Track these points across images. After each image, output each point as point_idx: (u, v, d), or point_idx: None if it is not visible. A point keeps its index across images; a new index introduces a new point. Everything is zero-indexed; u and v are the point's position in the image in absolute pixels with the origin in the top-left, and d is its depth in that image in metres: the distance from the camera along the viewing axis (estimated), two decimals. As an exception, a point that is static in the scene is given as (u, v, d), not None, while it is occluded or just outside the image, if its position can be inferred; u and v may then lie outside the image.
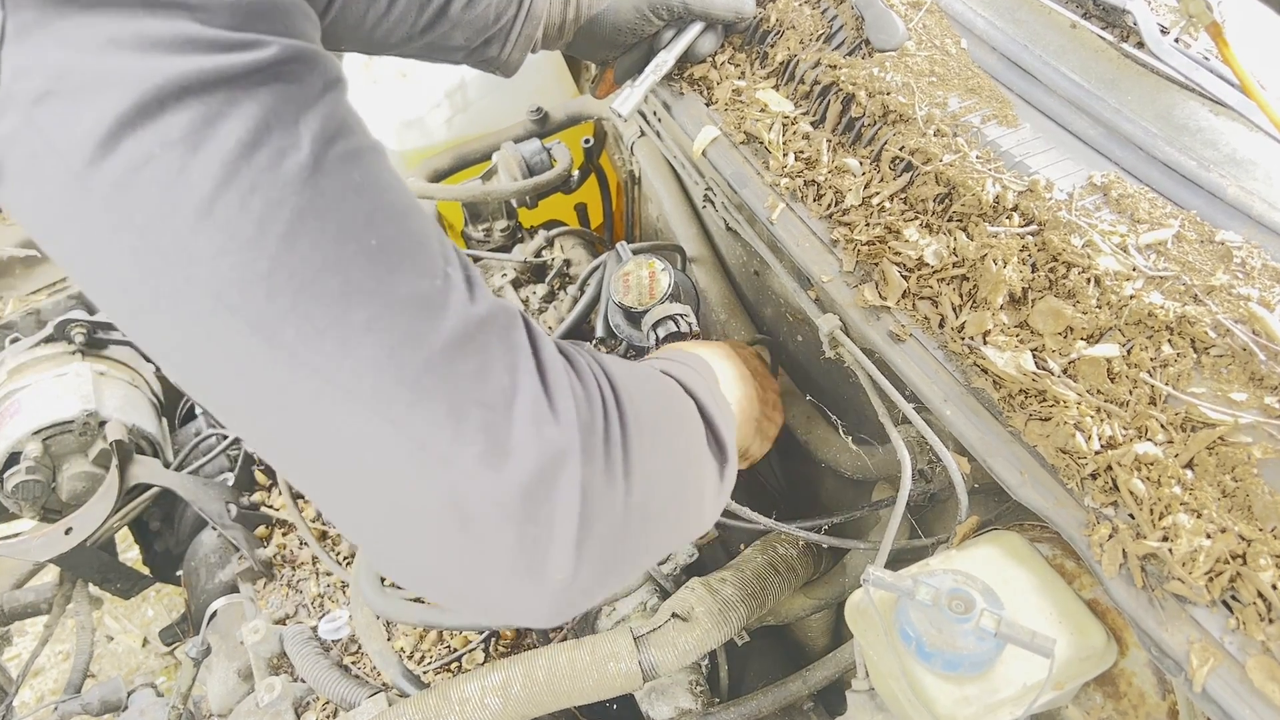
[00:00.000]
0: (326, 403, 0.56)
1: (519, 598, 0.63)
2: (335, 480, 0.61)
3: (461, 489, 0.58)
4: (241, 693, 1.38)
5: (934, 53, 1.14)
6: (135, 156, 0.50)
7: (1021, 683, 0.79)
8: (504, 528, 0.59)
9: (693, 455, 0.83)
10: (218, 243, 0.51)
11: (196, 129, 0.50)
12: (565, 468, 0.61)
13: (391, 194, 0.59)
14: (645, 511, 0.70)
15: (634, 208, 1.94)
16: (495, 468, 0.58)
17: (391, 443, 0.57)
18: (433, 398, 0.57)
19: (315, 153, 0.54)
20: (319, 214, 0.54)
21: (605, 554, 0.66)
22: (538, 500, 0.60)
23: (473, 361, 0.59)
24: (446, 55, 1.17)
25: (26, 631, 2.59)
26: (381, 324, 0.56)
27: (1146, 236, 0.92)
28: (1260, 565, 0.72)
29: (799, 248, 1.08)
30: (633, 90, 1.22)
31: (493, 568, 0.61)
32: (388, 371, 0.56)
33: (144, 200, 0.51)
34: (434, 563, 0.63)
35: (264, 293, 0.52)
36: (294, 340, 0.54)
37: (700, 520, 0.85)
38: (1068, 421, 0.84)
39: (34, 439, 1.55)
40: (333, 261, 0.54)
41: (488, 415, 0.59)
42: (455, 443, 0.57)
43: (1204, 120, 1.01)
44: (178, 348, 0.58)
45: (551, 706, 1.11)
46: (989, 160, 1.01)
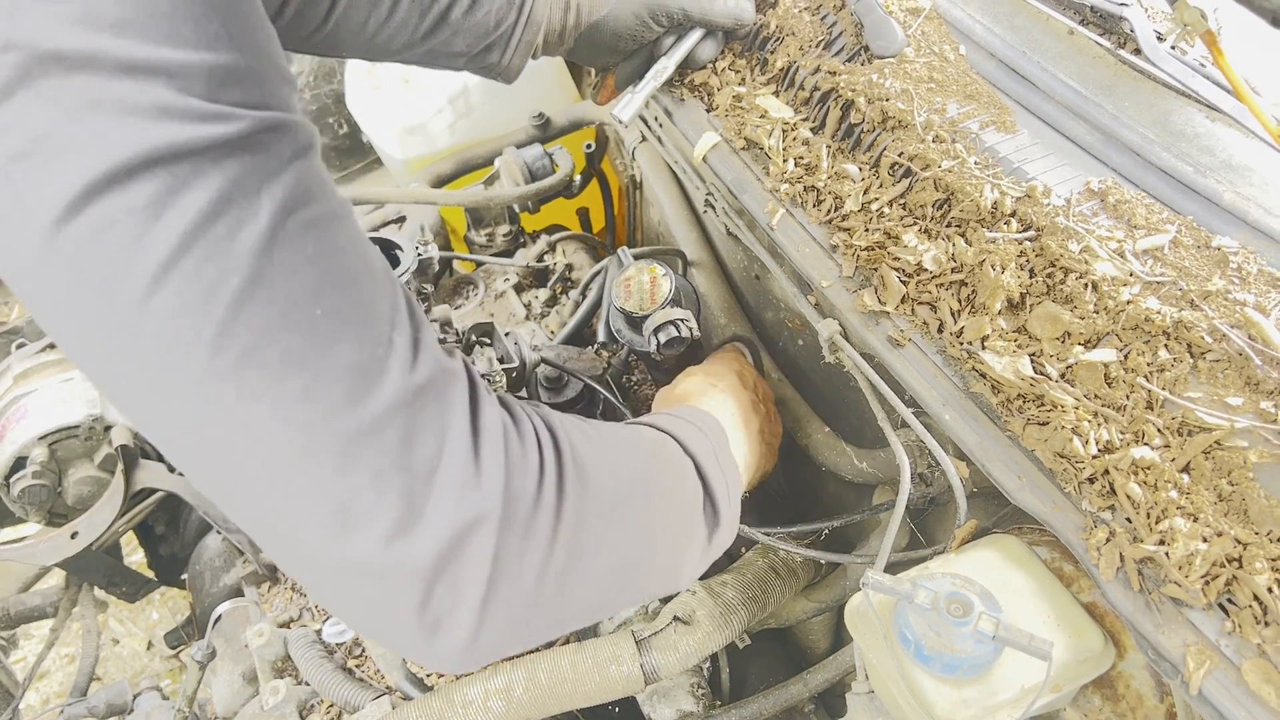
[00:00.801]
0: (259, 460, 0.60)
1: (420, 649, 0.67)
2: (267, 529, 0.65)
3: (372, 552, 0.61)
4: (246, 696, 1.39)
5: (933, 59, 1.15)
6: (99, 221, 0.52)
7: (1020, 685, 0.80)
8: (410, 589, 0.63)
9: (672, 520, 0.84)
10: (168, 306, 0.54)
11: (161, 198, 0.52)
12: (479, 534, 0.64)
13: (346, 260, 0.62)
14: (576, 578, 0.72)
15: (635, 212, 1.95)
16: (406, 533, 0.62)
17: (314, 503, 0.61)
18: (357, 464, 0.60)
19: (273, 224, 0.56)
20: (268, 284, 0.56)
21: (514, 618, 0.68)
22: (447, 565, 0.63)
23: (402, 429, 0.62)
24: (448, 61, 1.18)
25: (33, 635, 2.60)
26: (316, 391, 0.59)
27: (1143, 242, 0.93)
28: (1256, 569, 0.73)
29: (799, 253, 1.09)
30: (634, 96, 1.23)
31: (398, 622, 0.65)
32: (317, 436, 0.59)
33: (103, 262, 0.53)
34: (350, 609, 0.68)
35: (207, 355, 0.56)
36: (232, 401, 0.57)
37: (673, 582, 0.87)
38: (1065, 426, 0.84)
39: (40, 444, 1.56)
40: (275, 330, 0.57)
41: (409, 481, 0.62)
42: (373, 509, 0.61)
43: (1200, 126, 1.02)
44: (126, 396, 0.61)
45: (554, 709, 1.11)
46: (987, 166, 1.02)
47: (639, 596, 0.85)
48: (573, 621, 0.76)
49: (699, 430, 0.94)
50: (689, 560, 0.87)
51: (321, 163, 0.63)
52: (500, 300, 1.79)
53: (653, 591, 0.86)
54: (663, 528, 0.82)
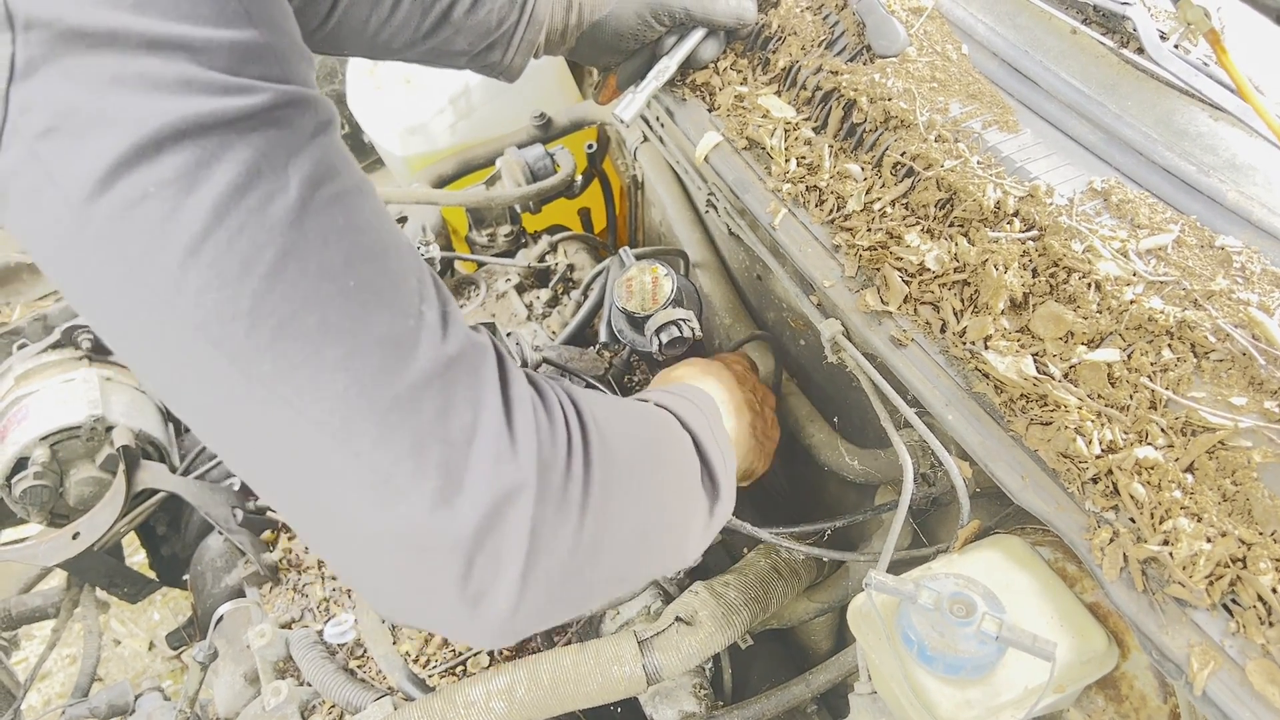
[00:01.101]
0: (297, 434, 0.59)
1: (463, 624, 0.67)
2: (303, 505, 0.65)
3: (416, 521, 0.61)
4: (248, 696, 1.39)
5: (935, 58, 1.15)
6: (131, 194, 0.52)
7: (1023, 686, 0.79)
8: (452, 560, 0.63)
9: (678, 492, 0.85)
10: (203, 279, 0.54)
11: (191, 171, 0.53)
12: (517, 505, 0.64)
13: (373, 235, 0.62)
14: (603, 548, 0.72)
15: (637, 213, 1.95)
16: (449, 503, 0.61)
17: (355, 474, 0.60)
18: (396, 434, 0.60)
19: (302, 196, 0.57)
20: (301, 256, 0.56)
21: (551, 589, 0.68)
22: (487, 536, 0.63)
23: (438, 399, 0.62)
24: (449, 60, 1.18)
25: (34, 636, 2.60)
26: (353, 362, 0.59)
27: (1147, 242, 0.92)
28: (1260, 569, 0.73)
29: (801, 253, 1.09)
30: (635, 96, 1.23)
31: (440, 595, 0.64)
32: (356, 407, 0.59)
33: (137, 236, 0.53)
34: (389, 585, 0.67)
35: (244, 328, 0.55)
36: (270, 374, 0.57)
37: (681, 555, 0.87)
38: (1069, 426, 0.84)
39: (41, 444, 1.56)
40: (311, 301, 0.57)
41: (447, 452, 0.62)
42: (414, 478, 0.61)
43: (1203, 125, 1.02)
44: (162, 373, 0.61)
45: (556, 710, 1.11)
46: (990, 166, 1.02)
47: (653, 569, 0.86)
48: (599, 594, 0.77)
49: (695, 406, 0.95)
50: (694, 532, 0.87)
51: (341, 140, 0.63)
52: (502, 300, 1.79)
53: (665, 563, 0.86)
54: (672, 497, 0.83)
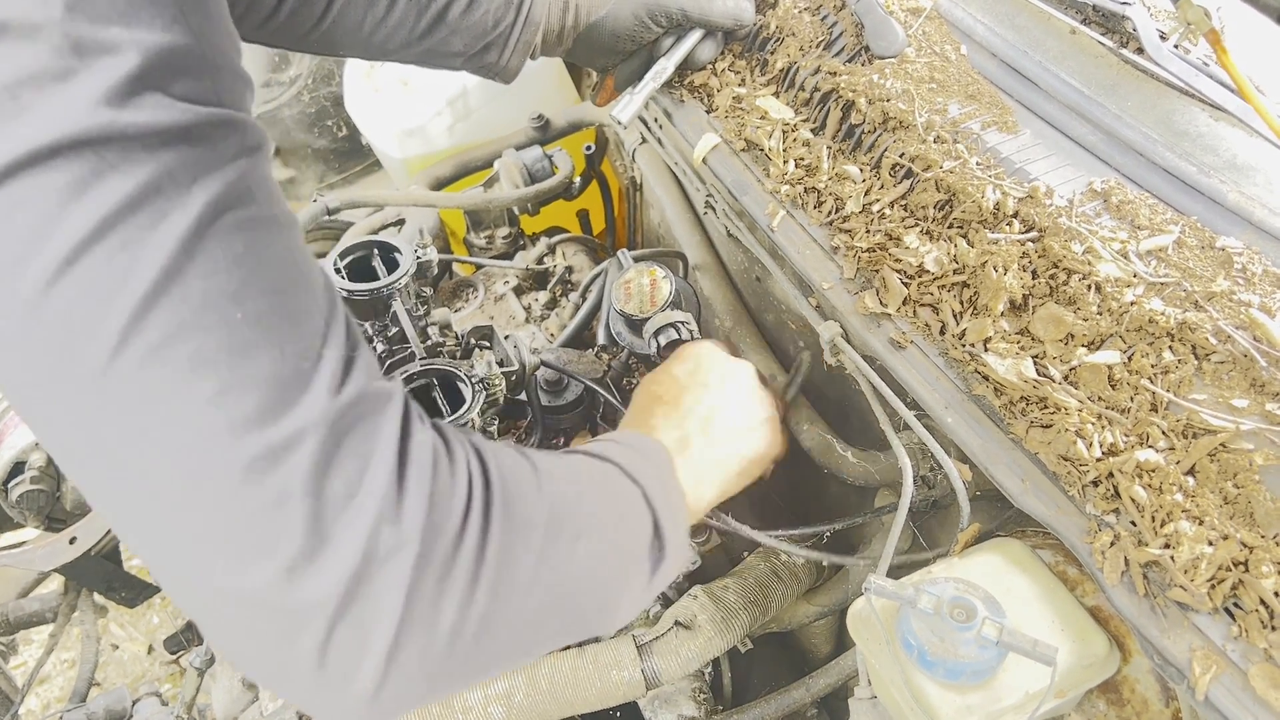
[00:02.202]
0: (155, 471, 0.55)
1: (317, 700, 0.61)
2: (159, 551, 0.59)
3: (270, 583, 0.56)
4: (246, 701, 1.38)
5: (934, 59, 1.14)
6: (13, 199, 0.49)
7: (1024, 691, 0.79)
8: (309, 628, 0.57)
9: (614, 552, 0.77)
10: (74, 293, 0.51)
11: (83, 180, 0.49)
12: (390, 571, 0.58)
13: (277, 269, 0.58)
14: (497, 624, 0.65)
15: (636, 214, 1.94)
16: (311, 564, 0.56)
17: (212, 524, 0.55)
18: (261, 484, 0.55)
19: (201, 218, 0.53)
20: (185, 280, 0.52)
21: (426, 668, 0.62)
22: (352, 603, 0.57)
23: (319, 450, 0.56)
24: (445, 61, 1.17)
25: (32, 640, 2.60)
26: (226, 399, 0.54)
27: (1147, 243, 0.92)
28: (1262, 572, 0.72)
29: (800, 255, 1.08)
30: (633, 97, 1.22)
31: (294, 667, 0.58)
32: (221, 449, 0.54)
33: (12, 242, 0.50)
34: (241, 648, 0.61)
35: (110, 350, 0.51)
36: (134, 401, 0.53)
37: (609, 620, 0.80)
38: (1069, 428, 0.84)
39: (38, 449, 1.55)
40: (188, 329, 0.53)
41: (317, 508, 0.56)
42: (273, 536, 0.55)
43: (1204, 126, 1.01)
44: (22, 394, 0.56)
45: (555, 715, 1.11)
46: (989, 167, 1.01)
47: (570, 637, 0.77)
48: (494, 668, 0.69)
49: (641, 457, 0.86)
50: (631, 593, 0.80)
51: (270, 169, 0.59)
52: (500, 303, 1.78)
53: (587, 631, 0.78)
54: (601, 563, 0.75)
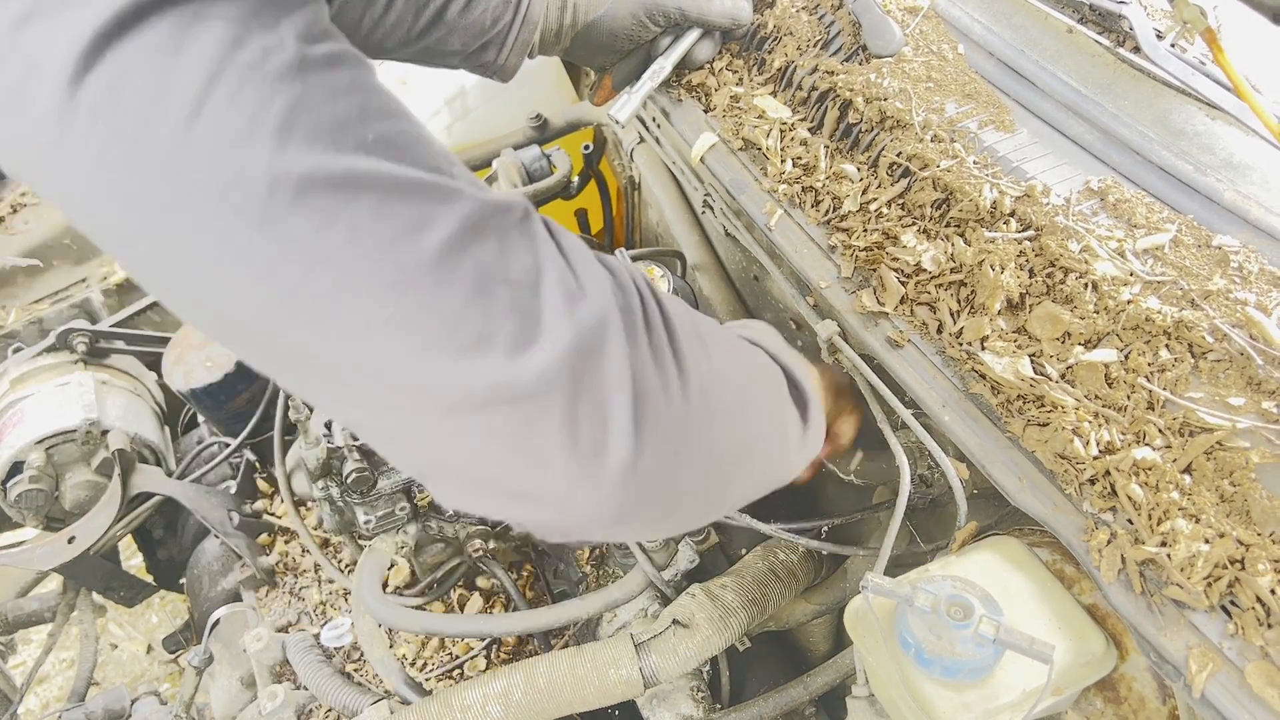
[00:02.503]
0: (346, 295, 0.54)
1: (584, 485, 0.60)
2: (369, 383, 0.57)
3: (501, 369, 0.56)
4: (244, 700, 1.38)
5: (931, 58, 1.15)
6: (118, 66, 0.49)
7: (1021, 688, 0.79)
8: (553, 403, 0.57)
9: (765, 385, 0.79)
10: (211, 141, 0.50)
11: (177, 31, 0.49)
12: (607, 340, 0.59)
13: (384, 96, 0.58)
14: (711, 411, 0.66)
15: (634, 213, 1.94)
16: (532, 343, 0.56)
17: (420, 330, 0.55)
18: (455, 278, 0.55)
19: (300, 50, 0.52)
20: (311, 108, 0.52)
21: (669, 439, 0.62)
22: (583, 374, 0.57)
23: (492, 241, 0.57)
24: (443, 60, 1.17)
25: (31, 640, 2.60)
26: (391, 208, 0.54)
27: (1143, 241, 0.92)
28: (1259, 570, 0.73)
29: (797, 254, 1.08)
30: (630, 97, 1.22)
31: (550, 450, 0.58)
32: (406, 253, 0.54)
33: (132, 109, 0.49)
34: (488, 458, 0.59)
35: (265, 188, 0.51)
36: (303, 233, 0.52)
37: (787, 460, 0.81)
38: (1066, 427, 0.84)
39: (37, 448, 1.55)
40: (330, 152, 0.52)
41: (515, 293, 0.57)
42: (486, 323, 0.55)
43: (1200, 124, 1.01)
44: (183, 266, 0.55)
45: (553, 713, 1.11)
46: (986, 165, 1.02)
47: (763, 463, 0.78)
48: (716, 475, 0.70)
49: (754, 329, 0.90)
50: (791, 439, 0.81)
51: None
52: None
53: (772, 460, 0.79)
54: (757, 386, 0.77)
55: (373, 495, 1.21)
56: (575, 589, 1.46)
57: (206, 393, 1.63)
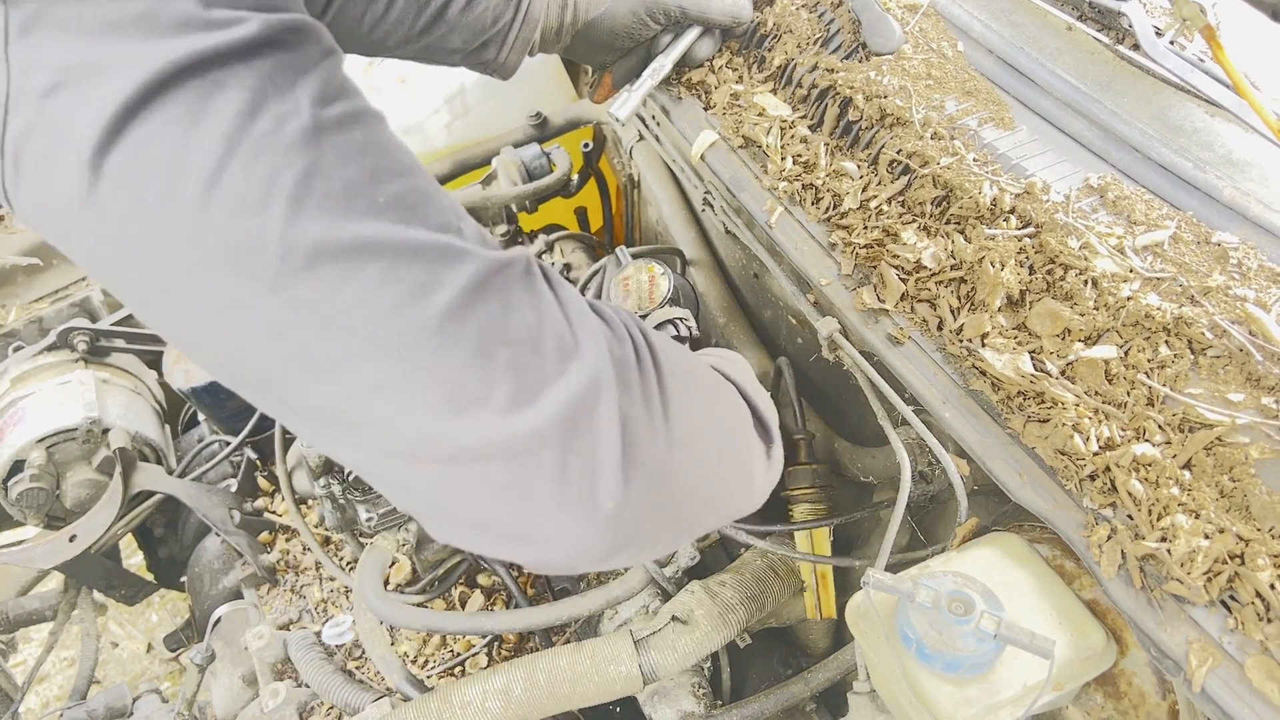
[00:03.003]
0: (353, 357, 0.57)
1: (572, 530, 0.64)
2: (372, 436, 0.61)
3: (497, 427, 0.59)
4: (246, 698, 1.39)
5: (931, 56, 1.15)
6: (141, 139, 0.51)
7: (1022, 684, 0.79)
8: (546, 459, 0.60)
9: (736, 424, 0.83)
10: (227, 211, 0.52)
11: (196, 102, 0.51)
12: (600, 396, 0.62)
13: (396, 154, 0.60)
14: (690, 454, 0.70)
15: (633, 211, 1.94)
16: (528, 403, 0.60)
17: (422, 390, 0.58)
18: (458, 341, 0.58)
19: (314, 115, 0.55)
20: (324, 174, 0.55)
21: (653, 483, 0.66)
22: (576, 429, 0.61)
23: (495, 302, 0.60)
24: (444, 57, 1.18)
25: (32, 638, 2.60)
26: (397, 273, 0.56)
27: (1143, 238, 0.92)
28: (1258, 565, 0.73)
29: (798, 251, 1.08)
30: (630, 95, 1.22)
31: (542, 501, 0.62)
32: (410, 319, 0.56)
33: (153, 178, 0.52)
34: (483, 505, 0.63)
35: (278, 255, 0.53)
36: (313, 299, 0.55)
37: (751, 494, 0.85)
38: (1066, 423, 0.84)
39: (38, 447, 1.55)
40: (341, 219, 0.55)
41: (515, 353, 0.60)
42: (485, 384, 0.59)
43: (1199, 122, 1.01)
44: (200, 325, 0.58)
45: (552, 710, 1.11)
46: (986, 163, 1.02)
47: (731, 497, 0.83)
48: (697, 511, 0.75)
49: (727, 360, 0.94)
50: (757, 471, 0.85)
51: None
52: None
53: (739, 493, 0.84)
54: (729, 426, 0.81)
55: (374, 493, 1.21)
56: (576, 586, 1.47)
57: (207, 391, 1.63)
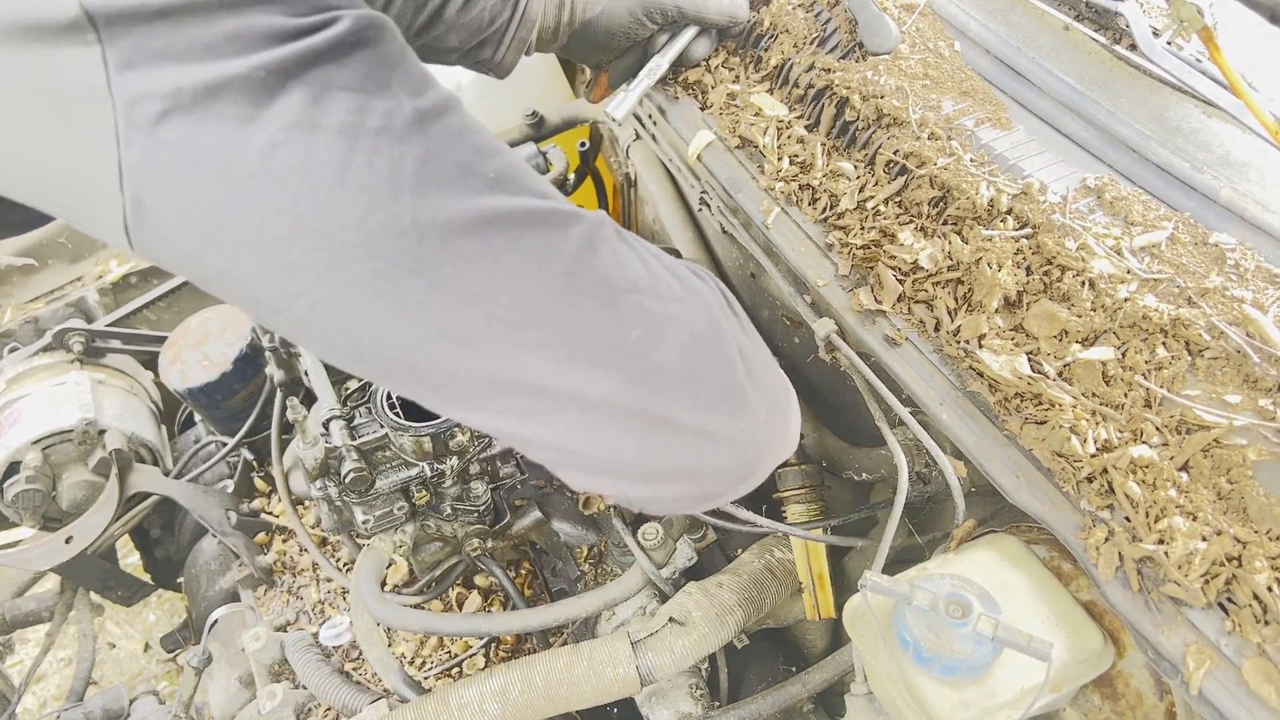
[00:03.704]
0: (496, 324, 0.61)
1: (712, 456, 0.71)
2: (517, 396, 0.64)
3: (636, 368, 0.65)
4: (243, 700, 1.38)
5: (927, 56, 1.14)
6: (263, 145, 0.54)
7: (1019, 686, 0.79)
8: (682, 392, 0.67)
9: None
10: (360, 205, 0.56)
11: (308, 107, 0.54)
12: (721, 329, 0.70)
13: (485, 134, 0.64)
14: (772, 367, 0.79)
15: (630, 211, 1.94)
16: (660, 343, 0.66)
17: (564, 342, 0.63)
18: (586, 294, 0.63)
19: (415, 106, 0.59)
20: (437, 159, 0.58)
21: (770, 402, 0.75)
22: (705, 361, 0.69)
23: (608, 256, 0.65)
24: (441, 57, 1.17)
25: (29, 639, 2.59)
26: (522, 241, 0.61)
27: (1140, 239, 0.92)
28: (1256, 567, 0.73)
29: (794, 251, 1.08)
30: (627, 94, 1.22)
31: (683, 433, 0.68)
32: (541, 281, 0.61)
33: (283, 183, 0.54)
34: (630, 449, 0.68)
35: (414, 239, 0.57)
36: (454, 275, 0.59)
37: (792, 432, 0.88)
38: (1063, 425, 0.84)
39: (34, 448, 1.55)
40: (463, 197, 0.59)
41: (637, 299, 0.65)
42: (618, 331, 0.64)
43: (1197, 122, 1.01)
44: (348, 320, 0.60)
45: (550, 712, 1.11)
46: (983, 163, 1.02)
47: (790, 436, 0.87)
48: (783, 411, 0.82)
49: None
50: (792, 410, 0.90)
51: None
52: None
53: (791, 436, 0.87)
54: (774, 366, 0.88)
55: (371, 495, 1.21)
56: (574, 587, 1.46)
57: (203, 391, 1.63)
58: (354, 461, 1.17)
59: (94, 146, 0.53)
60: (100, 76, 0.51)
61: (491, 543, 1.35)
